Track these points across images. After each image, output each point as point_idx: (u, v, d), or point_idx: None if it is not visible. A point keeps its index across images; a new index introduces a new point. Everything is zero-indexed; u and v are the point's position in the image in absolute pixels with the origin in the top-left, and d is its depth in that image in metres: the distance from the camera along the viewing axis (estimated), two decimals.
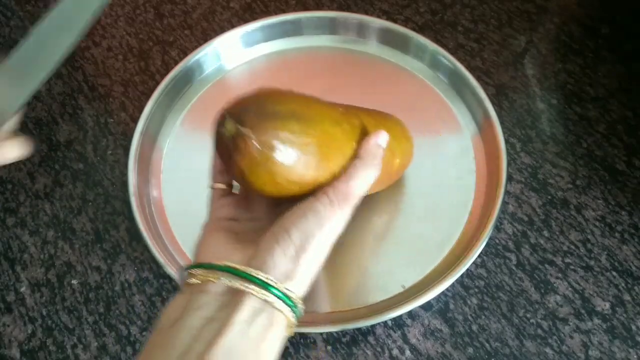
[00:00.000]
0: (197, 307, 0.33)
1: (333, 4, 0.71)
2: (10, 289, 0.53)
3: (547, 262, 0.52)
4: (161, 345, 0.33)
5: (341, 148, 0.39)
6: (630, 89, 0.62)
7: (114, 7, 0.72)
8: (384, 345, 0.49)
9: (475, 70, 0.63)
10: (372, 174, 0.39)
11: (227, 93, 0.64)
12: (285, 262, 0.34)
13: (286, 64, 0.65)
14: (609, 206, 0.55)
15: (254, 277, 0.33)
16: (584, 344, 0.48)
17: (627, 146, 0.58)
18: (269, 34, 0.66)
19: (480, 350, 0.48)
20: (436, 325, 0.50)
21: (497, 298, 0.51)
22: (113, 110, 0.64)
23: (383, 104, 0.61)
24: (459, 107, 0.61)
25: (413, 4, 0.70)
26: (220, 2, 0.72)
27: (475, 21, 0.68)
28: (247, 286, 0.33)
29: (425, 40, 0.63)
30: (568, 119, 0.61)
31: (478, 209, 0.54)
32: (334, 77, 0.64)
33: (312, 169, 0.36)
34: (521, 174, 0.57)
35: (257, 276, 0.33)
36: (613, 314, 0.50)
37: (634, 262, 0.52)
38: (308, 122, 0.37)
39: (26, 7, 0.73)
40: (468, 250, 0.50)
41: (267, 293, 0.33)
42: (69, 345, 0.50)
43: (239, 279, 0.34)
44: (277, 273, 0.34)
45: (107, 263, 0.54)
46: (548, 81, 0.63)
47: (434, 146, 0.59)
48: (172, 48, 0.68)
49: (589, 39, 0.66)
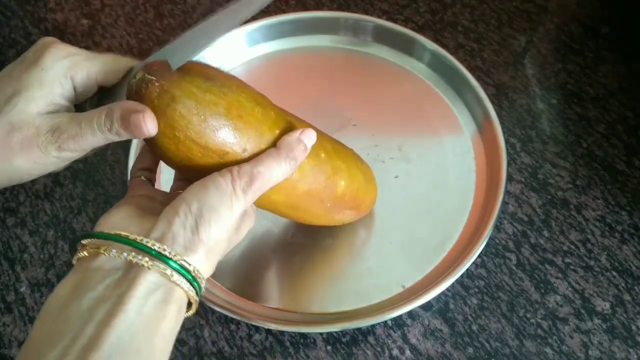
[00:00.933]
0: (88, 287, 0.31)
1: (333, 4, 0.71)
2: (10, 289, 0.53)
3: (547, 262, 0.52)
4: (48, 334, 0.30)
5: (258, 128, 0.37)
6: (630, 89, 0.62)
7: (114, 7, 0.72)
8: (384, 345, 0.49)
9: (475, 70, 0.63)
10: (284, 167, 0.37)
11: None
12: (184, 233, 0.32)
13: (286, 64, 0.65)
14: (609, 206, 0.55)
15: (148, 248, 0.31)
16: (584, 344, 0.48)
17: (627, 146, 0.58)
18: (268, 34, 0.66)
19: (480, 350, 0.48)
20: (436, 325, 0.50)
21: (497, 298, 0.51)
22: None
23: (383, 104, 0.62)
24: (459, 107, 0.61)
25: (413, 4, 0.70)
26: (220, 3, 0.72)
27: (475, 21, 0.68)
28: (141, 259, 0.31)
29: (425, 40, 0.63)
30: (568, 118, 0.61)
31: (478, 209, 0.54)
32: (334, 77, 0.64)
33: (217, 133, 0.35)
34: (521, 174, 0.57)
35: (152, 247, 0.31)
36: (613, 314, 0.50)
37: (633, 262, 0.52)
38: (219, 86, 0.36)
39: (26, 7, 0.73)
40: (468, 250, 0.50)
41: (164, 265, 0.31)
42: None
43: (132, 250, 0.31)
44: (176, 245, 0.32)
45: None
46: (548, 81, 0.63)
47: (434, 146, 0.59)
48: None
49: (589, 39, 0.66)
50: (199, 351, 0.49)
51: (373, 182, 0.51)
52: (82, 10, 0.72)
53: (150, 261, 0.31)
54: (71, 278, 0.32)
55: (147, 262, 0.31)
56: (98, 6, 0.72)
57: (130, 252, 0.31)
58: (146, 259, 0.31)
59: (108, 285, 0.31)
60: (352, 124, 0.60)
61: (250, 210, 0.40)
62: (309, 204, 0.43)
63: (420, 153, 0.58)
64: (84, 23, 0.71)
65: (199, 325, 0.50)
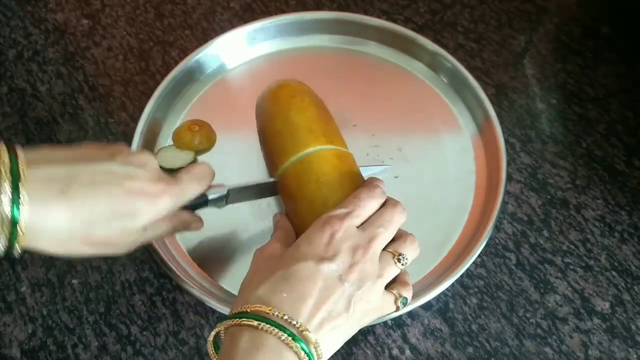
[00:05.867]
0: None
1: (333, 4, 0.71)
2: (10, 289, 0.53)
3: (546, 262, 0.52)
4: None
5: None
6: (630, 89, 0.62)
7: (114, 7, 0.72)
8: (384, 344, 0.49)
9: (475, 70, 0.63)
10: (196, 186, 0.45)
11: (227, 93, 0.64)
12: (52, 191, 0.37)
13: (286, 64, 0.65)
14: (609, 206, 0.55)
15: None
16: (584, 343, 0.48)
17: (626, 146, 0.58)
18: (269, 34, 0.66)
19: (480, 349, 0.48)
20: (436, 324, 0.50)
21: (497, 298, 0.51)
22: (113, 110, 0.64)
23: (383, 104, 0.62)
24: (458, 107, 0.61)
25: (413, 4, 0.70)
26: (220, 2, 0.72)
27: (475, 21, 0.68)
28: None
29: (425, 41, 0.63)
30: (568, 119, 0.61)
31: (478, 209, 0.54)
32: (334, 78, 0.64)
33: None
34: (521, 173, 0.57)
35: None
36: (612, 313, 0.50)
37: (633, 262, 0.52)
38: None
39: (26, 7, 0.73)
40: (468, 250, 0.50)
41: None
42: (70, 344, 0.50)
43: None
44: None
45: (108, 263, 0.54)
46: (548, 81, 0.63)
47: (434, 146, 0.59)
48: (173, 48, 0.68)
49: (589, 39, 0.66)
50: (199, 351, 0.49)
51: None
52: (83, 10, 0.72)
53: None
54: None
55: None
56: (98, 6, 0.72)
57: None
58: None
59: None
60: (352, 124, 0.60)
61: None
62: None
63: (420, 153, 0.58)
64: (84, 23, 0.71)
65: (199, 325, 0.50)
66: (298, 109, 0.51)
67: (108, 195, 0.39)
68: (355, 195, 0.44)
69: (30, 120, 0.63)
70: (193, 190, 0.45)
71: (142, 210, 0.40)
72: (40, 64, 0.68)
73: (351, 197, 0.44)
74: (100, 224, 0.39)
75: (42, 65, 0.68)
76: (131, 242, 0.42)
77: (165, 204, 0.42)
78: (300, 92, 0.53)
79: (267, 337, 0.36)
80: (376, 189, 0.45)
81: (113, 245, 0.41)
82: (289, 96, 0.52)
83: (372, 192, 0.44)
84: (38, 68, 0.67)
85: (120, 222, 0.40)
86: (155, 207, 0.41)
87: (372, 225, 0.42)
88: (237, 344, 0.36)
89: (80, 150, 0.41)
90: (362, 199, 0.43)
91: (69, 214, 0.37)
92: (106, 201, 0.39)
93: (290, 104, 0.51)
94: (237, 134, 0.60)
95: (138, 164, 0.41)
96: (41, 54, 0.68)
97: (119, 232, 0.40)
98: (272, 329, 0.36)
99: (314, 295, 0.38)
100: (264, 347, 0.36)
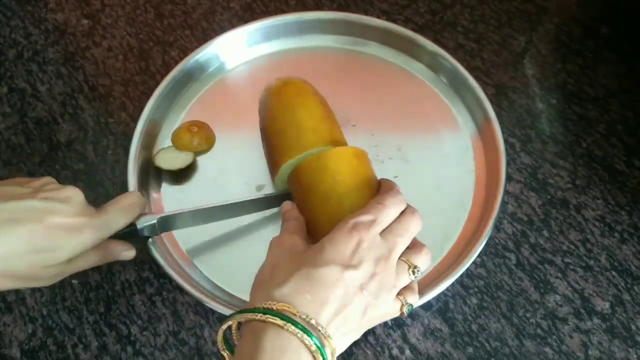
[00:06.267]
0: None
1: (333, 4, 0.71)
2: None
3: (546, 262, 0.52)
4: None
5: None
6: (630, 89, 0.62)
7: (114, 7, 0.72)
8: (384, 344, 0.49)
9: (475, 70, 0.63)
10: (122, 217, 0.45)
11: (227, 93, 0.64)
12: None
13: (286, 64, 0.65)
14: (609, 206, 0.55)
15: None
16: (584, 343, 0.48)
17: (626, 146, 0.58)
18: (269, 34, 0.66)
19: (480, 349, 0.48)
20: (436, 324, 0.50)
21: (497, 298, 0.51)
22: (113, 110, 0.64)
23: (382, 104, 0.62)
24: (458, 107, 0.61)
25: (413, 4, 0.70)
26: (220, 3, 0.72)
27: (475, 21, 0.68)
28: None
29: (425, 41, 0.63)
30: (568, 119, 0.61)
31: (478, 209, 0.54)
32: (334, 78, 0.64)
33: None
34: (521, 173, 0.57)
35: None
36: (612, 313, 0.50)
37: (633, 262, 0.52)
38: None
39: (26, 7, 0.73)
40: (468, 250, 0.50)
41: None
42: (69, 344, 0.50)
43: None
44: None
45: (107, 263, 0.54)
46: (548, 81, 0.63)
47: (433, 146, 0.59)
48: (172, 48, 0.68)
49: (589, 39, 0.66)
50: (199, 351, 0.49)
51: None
52: (82, 10, 0.72)
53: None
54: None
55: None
56: (98, 6, 0.72)
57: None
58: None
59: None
60: (351, 124, 0.60)
61: None
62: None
63: (420, 153, 0.58)
64: (84, 23, 0.71)
65: (199, 325, 0.50)
66: (307, 107, 0.51)
67: (28, 231, 0.39)
68: (380, 201, 0.43)
69: (30, 120, 0.63)
70: (119, 221, 0.45)
71: (63, 245, 0.41)
72: (40, 64, 0.68)
73: (375, 202, 0.43)
74: (19, 259, 0.39)
75: (42, 65, 0.68)
76: (54, 275, 0.43)
77: (87, 237, 0.42)
78: (305, 90, 0.53)
79: (290, 339, 0.36)
80: (399, 195, 0.44)
81: (36, 279, 0.42)
82: (295, 94, 0.52)
83: (396, 199, 0.44)
84: (38, 68, 0.67)
85: (41, 257, 0.40)
86: (77, 240, 0.42)
87: (392, 234, 0.42)
88: (261, 344, 0.36)
89: (2, 187, 0.41)
90: (387, 206, 0.43)
91: None
92: (26, 237, 0.39)
93: (297, 102, 0.51)
94: (237, 135, 0.60)
95: (61, 199, 0.42)
96: (41, 54, 0.68)
97: (40, 266, 0.41)
98: (298, 331, 0.36)
99: (335, 301, 0.38)
100: (288, 351, 0.36)
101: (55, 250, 0.41)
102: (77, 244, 0.42)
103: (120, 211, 0.45)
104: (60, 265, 0.42)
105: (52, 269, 0.42)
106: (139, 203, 0.47)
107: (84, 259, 0.44)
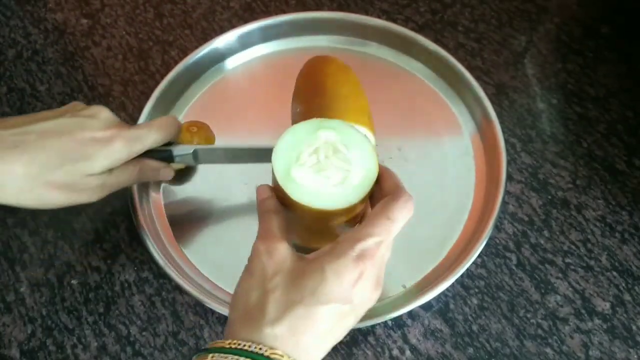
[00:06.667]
0: None
1: (333, 4, 0.71)
2: (10, 289, 0.53)
3: (547, 262, 0.52)
4: None
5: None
6: (630, 89, 0.62)
7: (114, 7, 0.72)
8: (384, 345, 0.49)
9: (475, 70, 0.63)
10: (153, 133, 0.47)
11: (227, 93, 0.64)
12: None
13: (286, 64, 0.65)
14: (609, 206, 0.55)
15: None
16: (584, 344, 0.48)
17: (627, 146, 0.58)
18: (269, 34, 0.66)
19: (480, 350, 0.48)
20: (436, 325, 0.50)
21: (498, 298, 0.51)
22: (113, 110, 0.62)
23: (382, 104, 0.62)
24: (458, 107, 0.61)
25: (413, 3, 0.70)
26: (220, 2, 0.72)
27: (475, 21, 0.68)
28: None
29: (425, 40, 0.63)
30: (568, 118, 0.60)
31: (478, 209, 0.54)
32: None
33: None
34: (521, 173, 0.57)
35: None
36: (613, 314, 0.49)
37: (634, 262, 0.52)
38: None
39: (25, 7, 0.73)
40: (468, 250, 0.50)
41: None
42: (69, 345, 0.50)
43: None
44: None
45: (107, 263, 0.54)
46: (548, 81, 0.63)
47: (433, 146, 0.59)
48: (172, 48, 0.68)
49: (589, 39, 0.66)
50: (199, 351, 0.49)
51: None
52: (82, 10, 0.72)
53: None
54: None
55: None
56: (98, 6, 0.72)
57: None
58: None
59: None
60: None
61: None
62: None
63: (420, 153, 0.58)
64: (84, 23, 0.71)
65: (199, 326, 0.50)
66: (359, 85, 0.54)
67: (59, 144, 0.42)
68: (389, 216, 0.37)
69: None
70: (151, 136, 0.47)
71: (95, 155, 0.43)
72: (40, 64, 0.68)
73: (384, 217, 0.37)
74: (56, 168, 0.42)
75: (42, 65, 0.67)
76: (98, 186, 0.45)
77: (118, 148, 0.44)
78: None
79: None
80: (409, 204, 0.39)
81: (79, 189, 0.44)
82: (350, 70, 0.54)
83: (406, 211, 0.38)
84: (37, 68, 0.67)
85: (76, 166, 0.43)
86: (108, 150, 0.44)
87: (388, 249, 0.39)
88: None
89: (32, 115, 0.44)
90: (396, 222, 0.38)
91: (24, 162, 0.41)
92: (58, 149, 0.42)
93: (354, 78, 0.54)
94: (236, 135, 0.60)
95: (89, 115, 0.44)
96: (40, 54, 0.68)
97: (79, 175, 0.43)
98: None
99: (330, 341, 0.37)
100: None
101: (89, 159, 0.43)
102: (108, 153, 0.44)
103: (152, 127, 0.47)
104: (101, 176, 0.45)
105: (93, 179, 0.44)
106: (174, 123, 0.49)
107: (123, 172, 0.46)
